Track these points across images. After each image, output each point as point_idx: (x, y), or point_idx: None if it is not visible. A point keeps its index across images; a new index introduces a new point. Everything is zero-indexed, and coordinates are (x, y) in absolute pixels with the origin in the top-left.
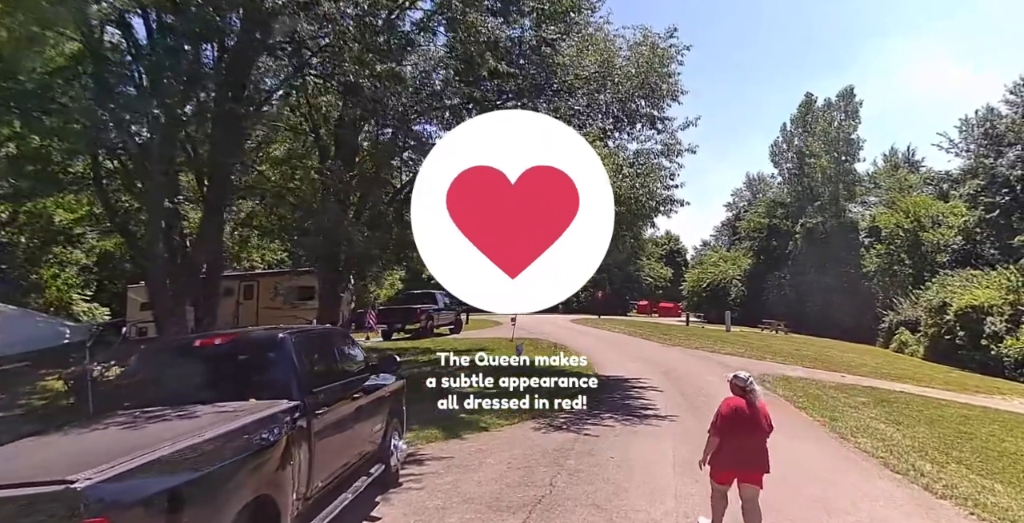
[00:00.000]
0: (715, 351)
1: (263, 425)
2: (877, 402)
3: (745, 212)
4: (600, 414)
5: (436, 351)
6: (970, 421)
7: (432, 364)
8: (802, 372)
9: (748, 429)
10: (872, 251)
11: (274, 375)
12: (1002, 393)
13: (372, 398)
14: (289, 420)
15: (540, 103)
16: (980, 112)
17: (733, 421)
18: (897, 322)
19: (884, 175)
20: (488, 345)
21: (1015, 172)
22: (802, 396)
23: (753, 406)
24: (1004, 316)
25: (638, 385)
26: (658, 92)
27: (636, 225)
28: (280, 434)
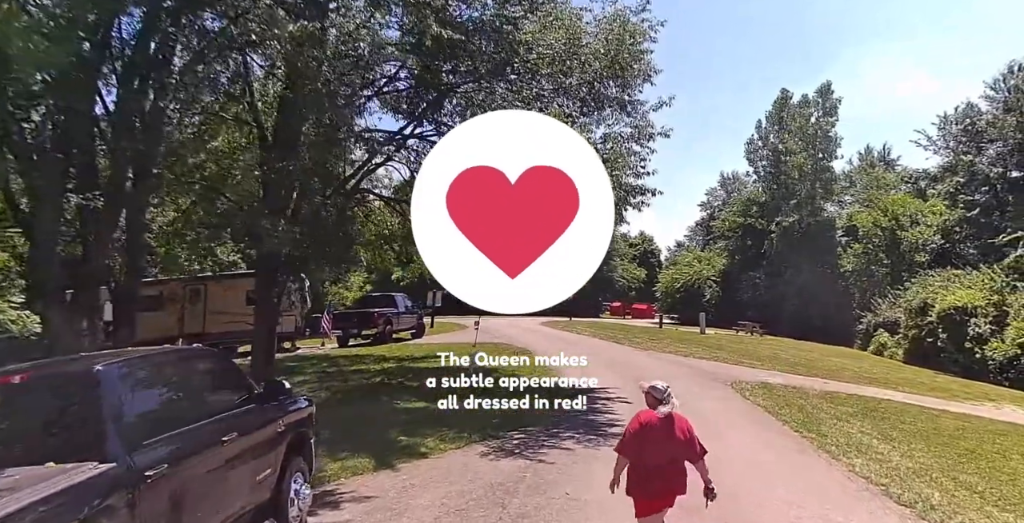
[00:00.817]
0: (688, 355)
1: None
2: (865, 413)
3: (720, 211)
4: (559, 433)
5: (390, 359)
6: (968, 435)
7: (383, 374)
8: (781, 378)
9: (662, 449)
10: (849, 250)
11: (83, 426)
12: (991, 399)
13: (255, 438)
14: (96, 494)
15: (499, 84)
16: (959, 108)
17: (644, 439)
18: (875, 323)
19: (860, 173)
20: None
21: (995, 169)
22: (784, 407)
23: (669, 422)
24: (988, 317)
25: (605, 396)
26: (629, 72)
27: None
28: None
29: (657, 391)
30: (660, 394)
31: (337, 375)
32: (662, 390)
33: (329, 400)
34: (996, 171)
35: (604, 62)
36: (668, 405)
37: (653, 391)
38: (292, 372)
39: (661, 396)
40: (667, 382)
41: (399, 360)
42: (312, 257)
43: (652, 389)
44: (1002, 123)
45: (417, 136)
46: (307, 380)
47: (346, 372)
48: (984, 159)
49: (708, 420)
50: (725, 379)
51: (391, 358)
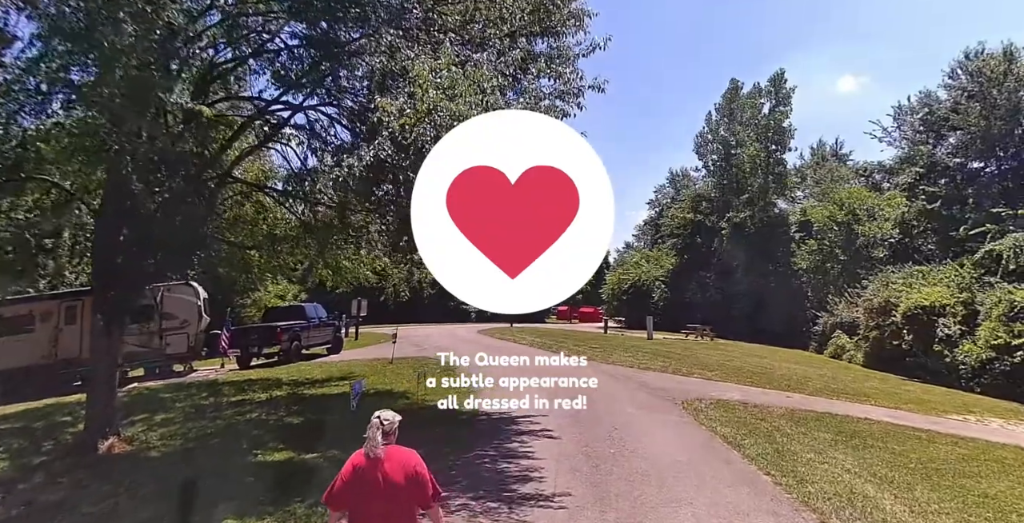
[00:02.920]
0: (634, 366)
1: None
2: (846, 439)
3: (668, 209)
4: (450, 490)
5: (285, 384)
6: (973, 468)
7: (266, 407)
8: (739, 393)
9: (383, 495)
10: (803, 247)
11: None
12: (971, 411)
13: None
14: None
15: (400, 41)
16: (917, 97)
17: (360, 485)
18: (832, 324)
19: (812, 169)
20: (358, 372)
21: (955, 160)
22: (747, 434)
23: (392, 460)
24: (957, 317)
25: (527, 428)
26: (557, 17)
27: None
28: None
29: (386, 424)
30: (389, 427)
31: (210, 410)
32: (390, 422)
33: (172, 454)
34: (956, 162)
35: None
36: (390, 437)
37: (379, 424)
38: (155, 409)
39: (389, 430)
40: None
41: (295, 386)
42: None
43: (378, 421)
44: (965, 110)
45: (297, 107)
46: (170, 418)
47: (223, 405)
48: (943, 149)
49: (658, 463)
50: (676, 397)
51: (287, 383)
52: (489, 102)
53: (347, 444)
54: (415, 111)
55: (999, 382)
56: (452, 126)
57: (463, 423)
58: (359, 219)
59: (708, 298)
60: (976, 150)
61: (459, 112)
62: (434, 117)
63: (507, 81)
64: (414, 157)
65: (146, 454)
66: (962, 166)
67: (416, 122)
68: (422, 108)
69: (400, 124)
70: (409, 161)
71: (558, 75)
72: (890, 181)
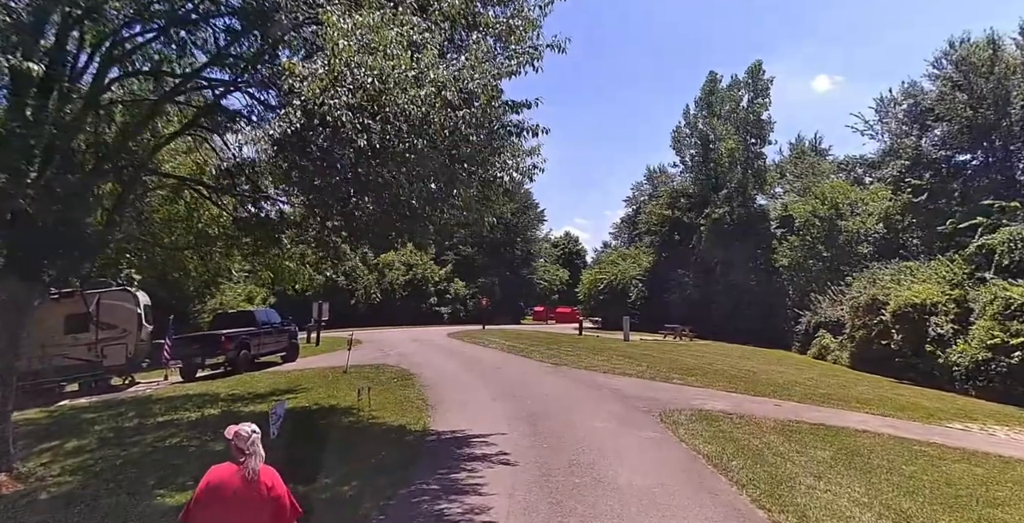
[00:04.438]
0: (609, 372)
1: None
2: (847, 458)
3: (646, 205)
4: None
5: (223, 400)
6: (995, 493)
7: (194, 429)
8: (723, 401)
9: (241, 515)
10: (785, 243)
11: None
12: (971, 418)
13: None
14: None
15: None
16: (901, 88)
17: (218, 504)
18: (816, 323)
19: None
20: (307, 383)
21: (942, 152)
22: (735, 453)
23: (251, 480)
24: (949, 316)
25: (480, 451)
26: None
27: (476, 165)
28: None
29: (242, 439)
30: (244, 443)
31: (130, 434)
32: (246, 437)
33: (64, 496)
34: (942, 154)
35: None
36: (252, 457)
37: (238, 439)
38: (71, 433)
39: (245, 445)
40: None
41: (233, 401)
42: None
43: (237, 436)
44: (951, 100)
45: (228, 84)
46: (82, 446)
47: (147, 428)
48: (929, 141)
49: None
50: (653, 407)
51: (225, 398)
52: (423, 62)
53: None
54: (328, 70)
55: (995, 384)
56: (377, 91)
57: (408, 445)
58: (295, 213)
59: (687, 297)
60: (963, 141)
61: (383, 70)
62: (352, 78)
63: (444, 34)
64: (328, 131)
65: (33, 496)
66: (948, 158)
67: (328, 85)
68: (335, 65)
69: (311, 90)
70: (323, 135)
71: (509, 30)
72: (872, 175)
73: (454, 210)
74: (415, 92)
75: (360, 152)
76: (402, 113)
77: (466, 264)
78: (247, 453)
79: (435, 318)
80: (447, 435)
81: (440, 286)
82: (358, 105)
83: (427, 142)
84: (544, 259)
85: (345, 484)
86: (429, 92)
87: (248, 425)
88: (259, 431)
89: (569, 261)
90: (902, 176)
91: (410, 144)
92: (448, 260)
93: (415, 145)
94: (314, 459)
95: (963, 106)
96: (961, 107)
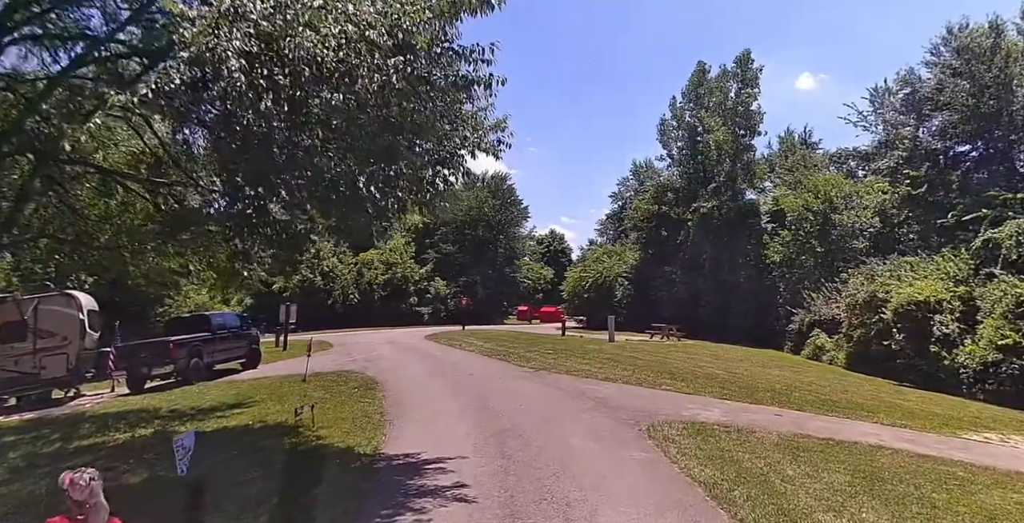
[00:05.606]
0: (591, 376)
1: None
2: (867, 483)
3: (632, 201)
4: None
5: (161, 417)
6: None
7: (124, 453)
8: (718, 410)
9: None
10: (776, 239)
11: None
12: (988, 427)
13: None
14: None
15: None
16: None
17: None
18: (810, 322)
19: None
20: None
21: (942, 143)
22: (736, 478)
23: None
24: (955, 314)
25: (433, 481)
26: None
27: (420, 134)
28: None
29: (79, 489)
30: (82, 493)
31: (44, 462)
32: (84, 486)
33: None
34: (941, 144)
35: None
36: (94, 512)
37: (73, 489)
38: None
39: (84, 496)
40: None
41: (171, 419)
42: None
43: (72, 486)
44: (952, 88)
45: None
46: None
47: (66, 453)
48: (927, 131)
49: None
50: (640, 418)
51: (164, 415)
52: None
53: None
54: (212, 8)
55: (1006, 388)
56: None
57: (351, 476)
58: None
59: (674, 295)
60: (963, 131)
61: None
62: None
63: None
64: (222, 87)
65: None
66: (947, 149)
67: (213, 25)
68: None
69: (193, 34)
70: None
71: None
72: (867, 168)
73: (400, 192)
74: (326, 30)
75: (263, 115)
76: (313, 60)
77: (447, 262)
78: (88, 506)
79: (415, 319)
80: (399, 460)
81: (420, 285)
82: (256, 52)
83: (349, 98)
84: (528, 257)
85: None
86: (346, 30)
87: (87, 472)
88: (99, 478)
89: (554, 259)
90: (899, 167)
91: (324, 101)
92: (429, 258)
93: (330, 101)
94: (222, 501)
95: (965, 94)
96: (963, 95)
